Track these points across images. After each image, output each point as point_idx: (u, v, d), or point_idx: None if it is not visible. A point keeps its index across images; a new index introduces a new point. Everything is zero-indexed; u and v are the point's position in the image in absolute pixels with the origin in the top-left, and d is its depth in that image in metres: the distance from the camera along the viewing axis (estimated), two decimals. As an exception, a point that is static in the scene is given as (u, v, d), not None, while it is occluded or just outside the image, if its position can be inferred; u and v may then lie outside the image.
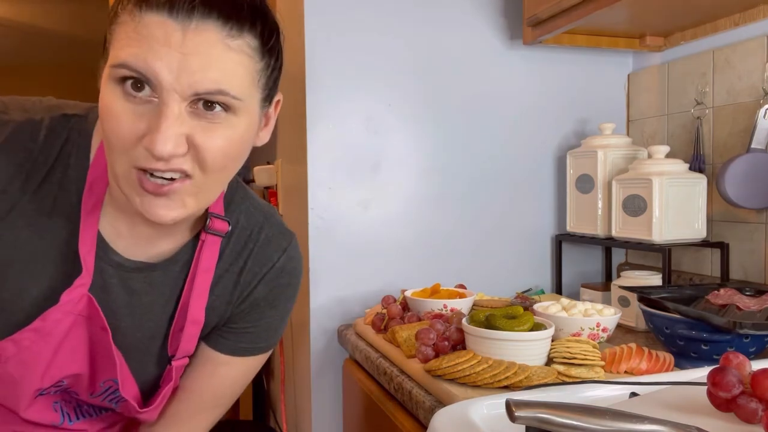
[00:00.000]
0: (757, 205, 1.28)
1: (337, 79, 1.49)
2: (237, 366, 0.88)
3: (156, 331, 0.82)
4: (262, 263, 0.84)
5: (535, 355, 0.96)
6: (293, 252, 0.87)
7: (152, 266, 0.79)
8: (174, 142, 0.62)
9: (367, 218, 1.52)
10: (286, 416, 1.87)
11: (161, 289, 0.80)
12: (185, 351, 0.83)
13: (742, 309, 1.05)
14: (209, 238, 0.80)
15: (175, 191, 0.66)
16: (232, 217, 0.82)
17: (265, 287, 0.84)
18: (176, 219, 0.68)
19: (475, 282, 1.57)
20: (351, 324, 1.46)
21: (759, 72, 1.30)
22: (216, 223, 0.80)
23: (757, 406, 0.61)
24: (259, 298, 0.85)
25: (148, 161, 0.63)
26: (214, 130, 0.65)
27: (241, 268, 0.83)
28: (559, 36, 1.48)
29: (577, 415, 0.54)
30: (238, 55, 0.64)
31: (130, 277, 0.78)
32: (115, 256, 0.77)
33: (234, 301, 0.84)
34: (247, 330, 0.86)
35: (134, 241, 0.78)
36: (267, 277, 0.84)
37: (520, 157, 1.63)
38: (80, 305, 0.74)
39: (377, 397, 1.20)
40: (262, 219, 0.85)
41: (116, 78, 0.63)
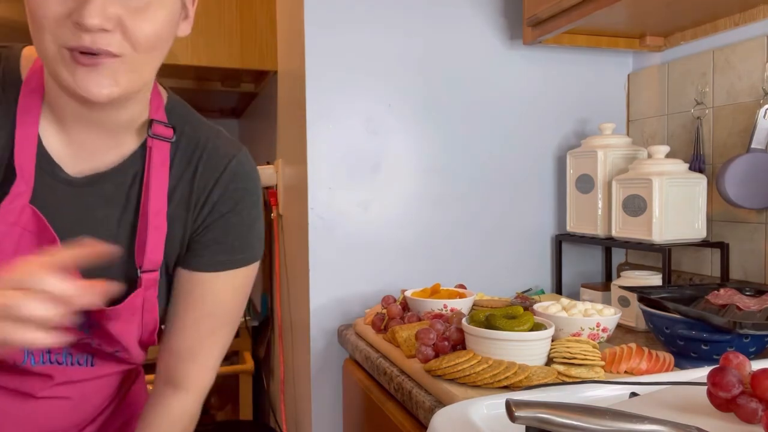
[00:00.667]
0: (757, 205, 1.28)
1: (337, 79, 1.49)
2: (222, 283, 0.89)
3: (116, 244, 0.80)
4: (213, 168, 0.85)
5: (535, 355, 0.96)
6: (244, 159, 0.89)
7: (102, 177, 0.80)
8: (102, 15, 0.64)
9: (367, 218, 1.52)
10: (286, 416, 1.87)
11: (115, 201, 0.81)
12: (153, 262, 0.83)
13: (742, 309, 1.05)
14: (156, 144, 0.81)
15: (106, 65, 0.68)
16: (175, 124, 0.84)
17: (221, 191, 0.86)
18: (110, 96, 0.69)
19: (475, 282, 1.57)
20: (351, 324, 1.46)
21: (759, 72, 1.30)
22: (159, 128, 0.82)
23: (757, 406, 0.61)
24: (217, 203, 0.86)
25: (74, 38, 0.65)
26: (143, 10, 0.68)
27: (193, 174, 0.85)
28: (559, 36, 1.48)
29: (577, 415, 0.54)
30: None
31: (81, 192, 0.79)
32: (62, 173, 0.78)
33: (192, 207, 0.85)
34: (219, 241, 0.87)
35: (78, 152, 0.79)
36: (221, 180, 0.85)
37: (520, 157, 1.63)
38: (24, 217, 0.75)
39: (377, 397, 1.20)
40: (209, 130, 0.88)
41: None
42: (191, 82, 2.21)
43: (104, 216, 0.81)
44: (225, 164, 0.86)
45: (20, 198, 0.74)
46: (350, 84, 1.50)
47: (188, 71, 2.05)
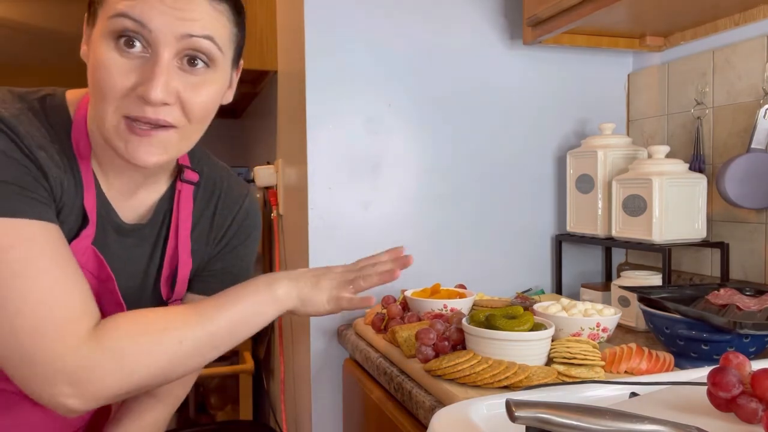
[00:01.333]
0: (757, 205, 1.28)
1: (337, 79, 1.49)
2: None
3: (147, 278, 0.90)
4: (230, 207, 0.96)
5: (535, 355, 0.96)
6: (252, 197, 1.00)
7: (143, 225, 0.89)
8: (166, 90, 0.71)
9: (367, 218, 1.52)
10: (286, 416, 1.87)
11: (149, 240, 0.89)
12: (179, 293, 0.93)
13: (742, 309, 1.05)
14: (184, 188, 0.90)
15: (160, 137, 0.74)
16: (197, 167, 0.93)
17: (236, 228, 0.96)
18: (157, 163, 0.75)
19: (475, 282, 1.56)
20: (351, 324, 1.46)
21: (759, 72, 1.30)
22: (188, 174, 0.91)
23: (757, 406, 0.61)
24: (233, 238, 0.96)
25: (138, 109, 0.71)
26: (199, 86, 0.75)
27: (213, 212, 0.94)
28: (559, 36, 1.48)
29: (577, 415, 0.54)
30: (220, 15, 0.75)
31: (129, 237, 0.87)
32: (116, 218, 0.85)
33: (210, 242, 0.94)
34: (227, 270, 0.97)
35: (119, 194, 0.85)
36: (237, 218, 0.96)
37: (520, 157, 1.63)
38: (85, 257, 0.81)
39: (377, 397, 1.20)
40: (222, 170, 0.97)
41: (113, 32, 0.71)
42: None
43: (140, 254, 0.89)
44: (240, 204, 0.96)
45: (86, 239, 0.80)
46: (350, 84, 1.50)
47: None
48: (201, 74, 0.74)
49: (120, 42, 0.70)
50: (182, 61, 0.73)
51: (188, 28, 0.71)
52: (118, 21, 0.70)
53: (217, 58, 0.75)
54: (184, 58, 0.73)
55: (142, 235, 0.88)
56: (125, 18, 0.69)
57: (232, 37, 0.78)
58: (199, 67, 0.74)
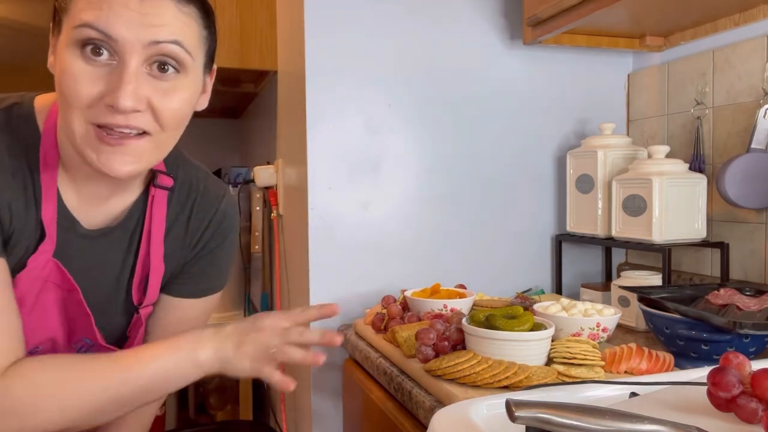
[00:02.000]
0: (757, 205, 1.28)
1: (337, 79, 1.49)
2: (199, 306, 0.98)
3: (119, 283, 0.90)
4: (206, 209, 0.93)
5: (535, 355, 0.96)
6: (229, 198, 0.98)
7: (113, 229, 0.87)
8: (135, 97, 0.69)
9: (367, 218, 1.52)
10: (286, 416, 1.87)
11: (120, 245, 0.88)
12: (151, 298, 0.92)
13: (742, 309, 1.05)
14: (158, 193, 0.89)
15: (133, 146, 0.73)
16: (172, 172, 0.91)
17: (212, 231, 0.94)
18: (131, 173, 0.74)
19: (475, 282, 1.56)
20: (351, 324, 1.46)
21: (759, 72, 1.30)
22: (162, 179, 0.89)
23: (757, 406, 0.61)
24: (209, 240, 0.94)
25: (107, 117, 0.70)
26: (170, 92, 0.73)
27: (188, 216, 0.92)
28: (559, 36, 1.48)
29: (577, 415, 0.54)
30: (188, 18, 0.73)
31: (97, 242, 0.86)
32: (80, 229, 0.83)
33: (186, 246, 0.93)
34: (204, 272, 0.96)
35: (88, 205, 0.84)
36: (213, 220, 0.94)
37: (520, 157, 1.63)
38: (47, 270, 0.80)
39: (377, 397, 1.20)
40: (198, 172, 0.95)
41: (78, 41, 0.69)
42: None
43: (112, 259, 0.88)
44: (216, 206, 0.94)
45: (45, 254, 0.80)
46: (350, 84, 1.50)
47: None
48: (171, 80, 0.73)
49: (86, 50, 0.69)
50: (151, 67, 0.72)
51: (155, 35, 0.70)
52: (83, 31, 0.68)
53: (187, 63, 0.74)
54: (154, 64, 0.72)
55: (113, 239, 0.87)
56: (89, 28, 0.68)
57: (201, 40, 0.76)
58: (169, 72, 0.73)
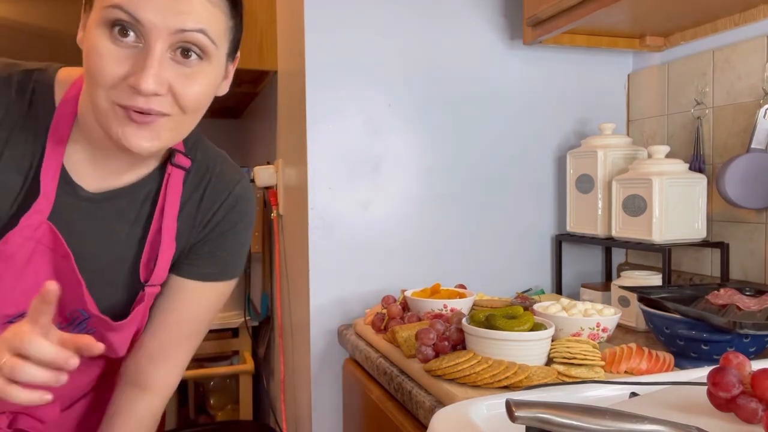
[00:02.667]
0: (757, 205, 1.28)
1: (337, 79, 1.49)
2: (207, 292, 0.96)
3: (123, 256, 0.88)
4: (219, 191, 0.93)
5: (535, 355, 0.96)
6: (246, 184, 0.97)
7: (119, 193, 0.86)
8: (157, 81, 0.70)
9: (367, 218, 1.52)
10: (286, 416, 1.87)
11: (127, 215, 0.87)
12: (159, 278, 0.90)
13: (742, 309, 1.05)
14: (174, 172, 0.89)
15: (156, 124, 0.74)
16: (190, 153, 0.91)
17: (224, 213, 0.93)
18: (151, 150, 0.76)
19: (475, 282, 1.57)
20: (351, 324, 1.46)
21: (759, 72, 1.30)
22: (180, 158, 0.89)
23: (757, 406, 0.61)
24: (219, 223, 0.93)
25: (130, 98, 0.71)
26: (192, 78, 0.74)
27: (201, 196, 0.92)
28: (559, 36, 1.48)
29: (577, 415, 0.54)
30: (216, 8, 0.74)
31: (99, 207, 0.85)
32: (81, 192, 0.83)
33: (196, 226, 0.92)
34: (214, 254, 0.94)
35: (102, 174, 0.84)
36: (225, 203, 0.93)
37: (520, 157, 1.63)
38: (39, 232, 0.80)
39: (377, 397, 1.20)
40: (216, 156, 0.96)
41: (106, 21, 0.70)
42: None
43: (117, 229, 0.87)
44: (230, 189, 0.94)
45: (39, 215, 0.80)
46: (350, 84, 1.50)
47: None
48: (194, 66, 0.74)
49: (114, 31, 0.71)
50: (175, 53, 0.73)
51: (181, 23, 0.71)
52: (113, 12, 0.70)
53: (211, 51, 0.75)
54: (178, 50, 0.73)
55: (119, 207, 0.86)
56: (119, 10, 0.69)
57: (227, 29, 0.78)
58: (192, 59, 0.74)
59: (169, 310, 0.94)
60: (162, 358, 0.96)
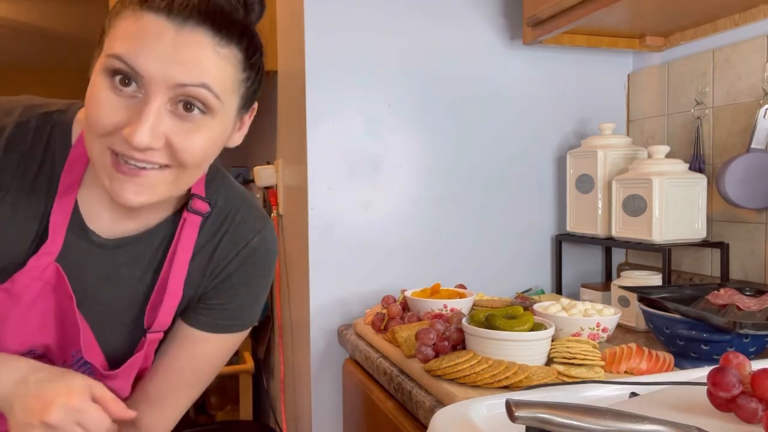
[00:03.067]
0: (757, 205, 1.28)
1: (337, 79, 1.49)
2: (214, 343, 0.92)
3: (132, 301, 0.86)
4: (236, 242, 0.88)
5: (535, 355, 0.96)
6: (267, 235, 0.91)
7: (134, 240, 0.84)
8: (151, 135, 0.67)
9: (367, 218, 1.52)
10: (286, 416, 1.87)
11: (140, 261, 0.85)
12: (162, 324, 0.87)
13: (742, 309, 1.05)
14: (190, 217, 0.85)
15: (150, 177, 0.71)
16: (211, 198, 0.87)
17: (237, 264, 0.89)
18: (143, 203, 0.72)
19: (475, 282, 1.56)
20: (351, 324, 1.46)
21: (759, 72, 1.30)
22: (197, 204, 0.85)
23: (757, 406, 0.61)
24: (232, 275, 0.89)
25: (124, 148, 0.69)
26: (193, 132, 0.71)
27: (216, 246, 0.88)
28: (559, 36, 1.48)
29: (577, 415, 0.54)
30: (224, 61, 0.70)
31: (112, 254, 0.83)
32: (94, 237, 0.81)
33: (207, 275, 0.88)
34: (223, 306, 0.90)
35: (117, 217, 0.82)
36: (240, 255, 0.89)
37: (520, 157, 1.63)
38: (47, 273, 0.79)
39: (377, 397, 1.20)
40: (240, 202, 0.90)
41: (108, 69, 0.68)
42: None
43: (128, 274, 0.85)
44: (248, 240, 0.89)
45: (47, 257, 0.78)
46: (350, 84, 1.50)
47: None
48: (196, 121, 0.70)
49: (115, 80, 0.68)
50: (177, 106, 0.69)
51: (183, 77, 0.67)
52: (113, 62, 0.67)
53: (215, 107, 0.71)
54: (180, 103, 0.69)
55: (134, 253, 0.84)
56: (119, 60, 0.67)
57: (237, 83, 0.73)
58: (194, 113, 0.70)
59: (172, 356, 0.91)
60: (158, 402, 0.92)
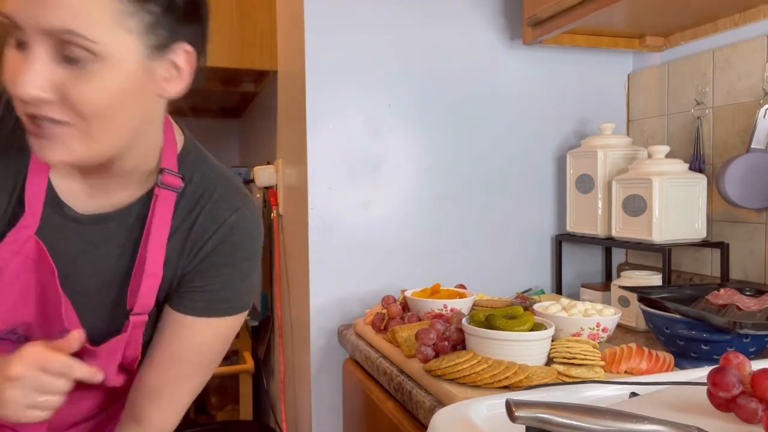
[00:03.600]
0: (757, 205, 1.28)
1: (338, 79, 1.49)
2: (205, 329, 0.88)
3: (111, 281, 0.84)
4: (213, 219, 0.84)
5: (535, 355, 0.96)
6: (247, 213, 0.87)
7: (107, 217, 0.82)
8: (34, 85, 0.63)
9: (367, 218, 1.52)
10: (286, 416, 1.87)
11: (116, 239, 0.83)
12: (143, 306, 0.84)
13: (742, 309, 1.05)
14: (163, 193, 0.82)
15: (54, 135, 0.67)
16: (185, 173, 0.84)
17: (215, 243, 0.84)
18: (63, 161, 0.69)
19: (475, 282, 1.56)
20: (351, 324, 1.46)
21: (759, 72, 1.30)
22: (168, 178, 0.82)
23: (757, 406, 0.61)
24: (210, 254, 0.85)
25: (22, 107, 0.66)
26: (84, 80, 0.65)
27: (192, 223, 0.84)
28: (559, 36, 1.48)
29: (577, 415, 0.54)
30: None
31: (86, 230, 0.81)
32: (69, 211, 0.80)
33: (186, 255, 0.85)
34: (206, 288, 0.86)
35: (91, 193, 0.81)
36: (218, 233, 0.84)
37: (520, 157, 1.63)
38: (27, 247, 0.78)
39: (377, 397, 1.20)
40: (218, 179, 0.87)
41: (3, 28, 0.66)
42: (191, 82, 2.21)
43: (105, 253, 0.83)
44: (225, 218, 0.85)
45: (26, 230, 0.77)
46: (350, 84, 1.50)
47: (188, 71, 2.05)
48: (86, 67, 0.64)
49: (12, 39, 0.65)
50: (61, 53, 0.64)
51: (46, 21, 0.61)
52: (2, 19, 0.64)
53: (93, 49, 0.63)
54: (63, 49, 0.64)
55: (108, 231, 0.82)
56: (2, 16, 0.64)
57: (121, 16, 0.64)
58: (80, 59, 0.64)
59: (164, 345, 0.88)
60: (158, 396, 0.89)
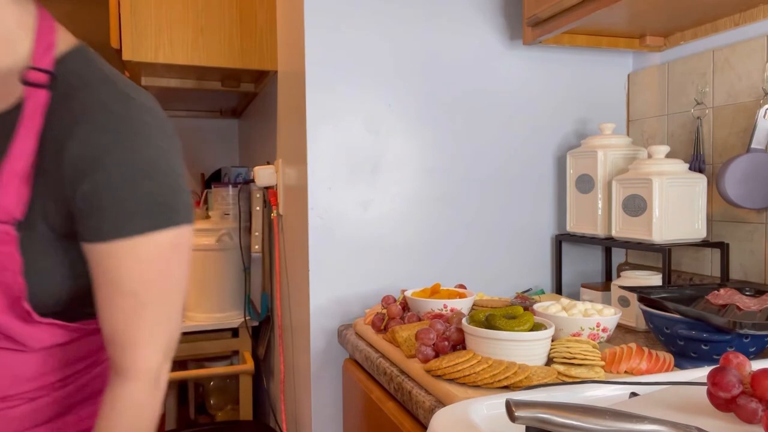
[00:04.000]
0: (757, 205, 1.28)
1: (337, 79, 1.49)
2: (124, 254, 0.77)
3: None
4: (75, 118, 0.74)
5: (535, 355, 0.96)
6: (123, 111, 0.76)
7: None
8: None
9: (367, 218, 1.52)
10: (286, 416, 1.87)
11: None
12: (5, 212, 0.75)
13: (742, 309, 1.05)
14: (32, 92, 0.75)
15: None
16: (61, 73, 0.77)
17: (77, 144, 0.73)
18: None
19: (475, 282, 1.57)
20: (351, 324, 1.46)
21: (759, 72, 1.30)
22: (34, 75, 0.75)
23: (757, 406, 0.61)
24: (75, 158, 0.74)
25: None
26: None
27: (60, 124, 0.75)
28: (559, 36, 1.49)
29: (577, 415, 0.54)
30: None
31: None
32: None
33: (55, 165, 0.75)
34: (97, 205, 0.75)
35: None
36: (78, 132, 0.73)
37: (520, 157, 1.63)
38: None
39: (377, 397, 1.20)
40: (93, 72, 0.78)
41: None
42: (191, 81, 2.21)
43: None
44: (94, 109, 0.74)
45: None
46: (350, 84, 1.50)
47: (188, 71, 2.05)
48: None
49: None
50: None
51: None
52: None
53: None
54: None
55: None
56: None
57: None
58: None
59: (98, 286, 0.79)
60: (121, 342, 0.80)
